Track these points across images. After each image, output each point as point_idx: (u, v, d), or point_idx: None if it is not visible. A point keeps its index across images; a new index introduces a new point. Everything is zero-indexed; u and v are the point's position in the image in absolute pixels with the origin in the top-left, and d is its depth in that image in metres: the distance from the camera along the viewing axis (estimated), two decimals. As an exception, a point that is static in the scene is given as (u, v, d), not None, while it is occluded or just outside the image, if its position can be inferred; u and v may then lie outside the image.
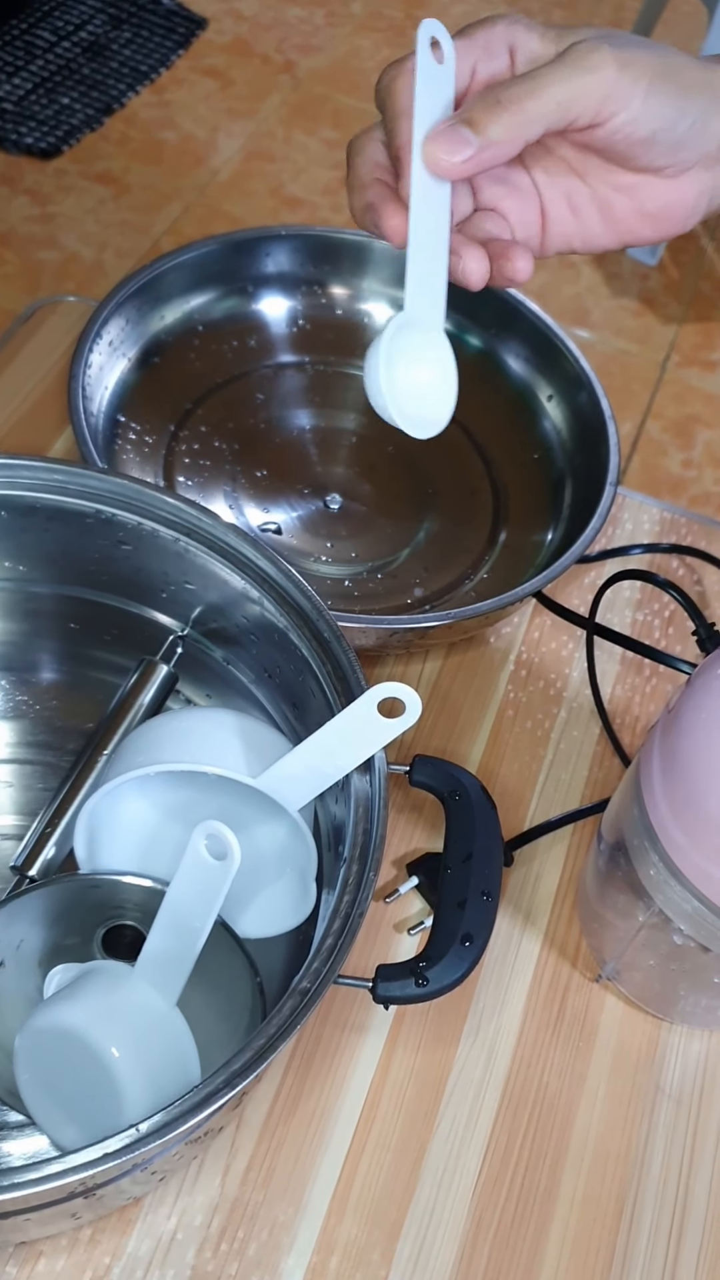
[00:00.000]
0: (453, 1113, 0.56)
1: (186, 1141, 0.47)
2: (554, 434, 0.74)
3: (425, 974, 0.45)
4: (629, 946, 0.56)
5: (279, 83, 2.29)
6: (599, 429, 0.69)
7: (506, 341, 0.76)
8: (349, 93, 2.31)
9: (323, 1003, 0.57)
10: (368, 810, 0.48)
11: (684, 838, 0.48)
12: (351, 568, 0.69)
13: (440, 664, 0.70)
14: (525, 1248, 0.53)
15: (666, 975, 0.56)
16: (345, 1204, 0.53)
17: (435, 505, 0.72)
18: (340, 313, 0.78)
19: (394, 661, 0.70)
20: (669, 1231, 0.54)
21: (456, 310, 0.76)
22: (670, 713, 0.49)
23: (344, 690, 0.51)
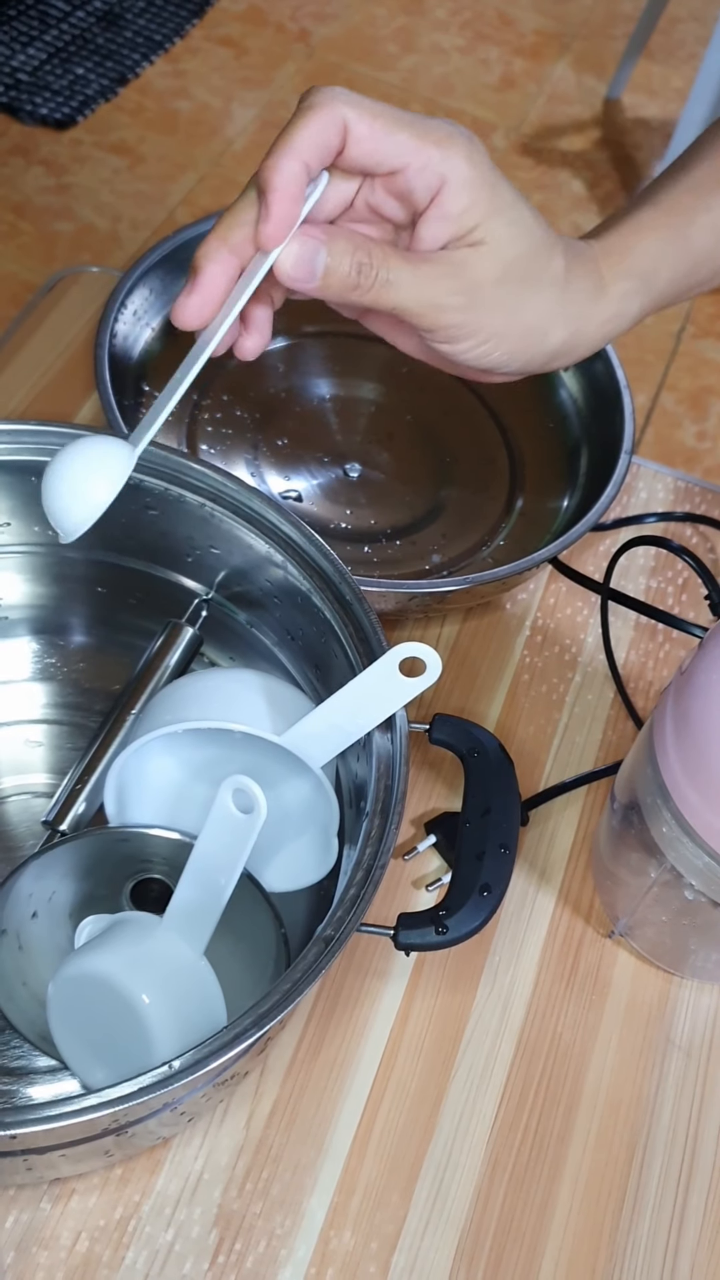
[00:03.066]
0: (469, 1060, 0.58)
1: (214, 1084, 0.49)
2: (570, 403, 0.75)
3: (445, 922, 0.46)
4: (641, 903, 0.58)
5: (293, 51, 2.28)
6: (614, 398, 0.70)
7: None
8: (363, 60, 2.30)
9: (345, 953, 0.59)
10: (389, 767, 0.50)
11: (696, 796, 0.50)
12: (371, 534, 0.70)
13: (458, 628, 0.72)
14: (539, 1189, 0.55)
15: (678, 930, 0.58)
16: (366, 1147, 0.55)
17: (453, 473, 0.74)
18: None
19: (413, 625, 0.71)
20: (678, 1176, 0.56)
21: None
22: (683, 675, 0.51)
23: (366, 651, 0.53)
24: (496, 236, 0.45)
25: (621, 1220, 0.55)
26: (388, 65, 2.31)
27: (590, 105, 2.35)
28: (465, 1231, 0.54)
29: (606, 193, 2.19)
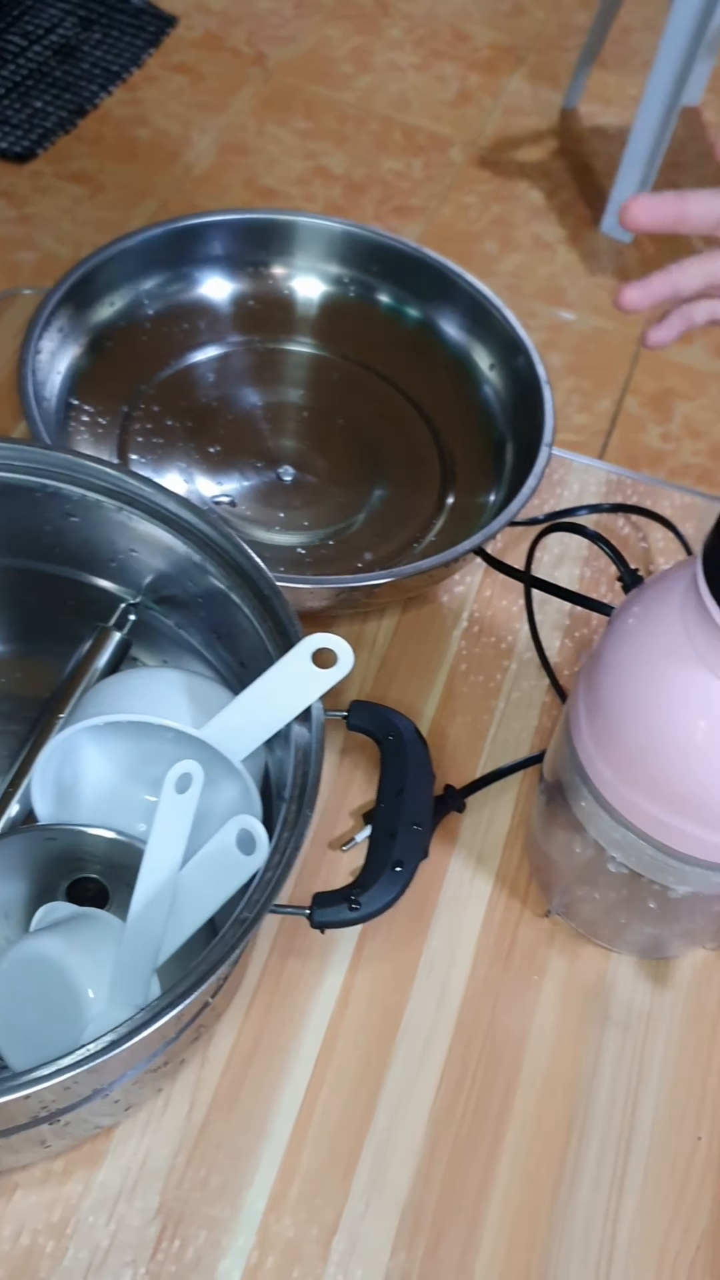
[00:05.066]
0: (408, 1043, 0.59)
1: (147, 1071, 0.50)
2: (494, 398, 0.77)
3: (358, 899, 0.47)
4: (572, 880, 0.59)
5: (250, 75, 2.31)
6: (535, 392, 0.72)
7: (444, 311, 0.79)
8: (319, 81, 2.33)
9: (284, 940, 0.60)
10: (306, 755, 0.51)
11: (608, 769, 0.51)
12: (304, 535, 0.72)
13: (396, 621, 0.73)
14: (478, 1167, 0.56)
15: (608, 905, 0.59)
16: (306, 1133, 0.56)
17: (385, 473, 0.75)
18: (285, 291, 0.81)
19: (349, 622, 0.72)
20: (616, 1149, 0.57)
21: (394, 283, 0.79)
22: (592, 654, 0.52)
23: (284, 645, 0.54)
24: None
25: (560, 1194, 0.56)
26: (344, 85, 2.34)
27: (546, 116, 2.38)
28: (405, 1211, 0.54)
29: (565, 202, 2.22)
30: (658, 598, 0.48)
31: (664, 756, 0.47)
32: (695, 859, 0.50)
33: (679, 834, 0.49)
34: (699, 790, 0.47)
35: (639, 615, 0.48)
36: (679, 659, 0.45)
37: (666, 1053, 0.60)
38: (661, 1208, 0.56)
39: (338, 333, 0.80)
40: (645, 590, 0.49)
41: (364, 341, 0.80)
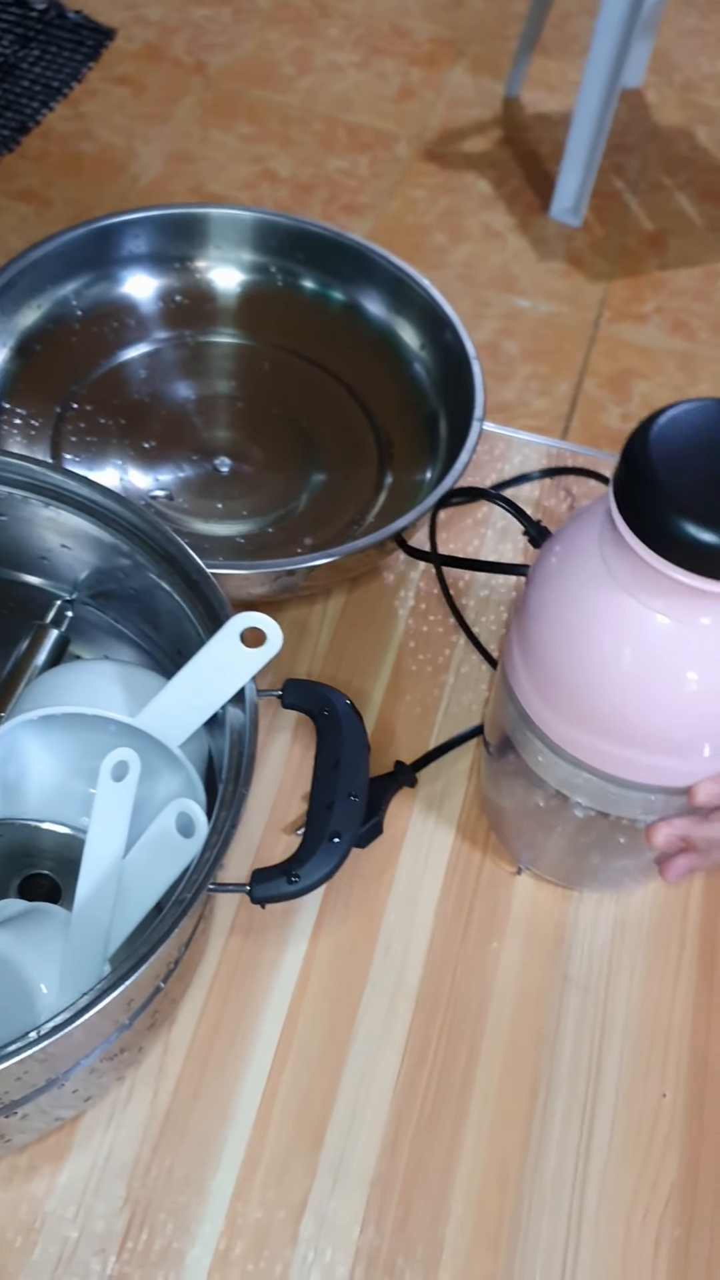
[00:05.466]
0: (369, 1020, 0.59)
1: (102, 1058, 0.50)
2: (425, 376, 0.77)
3: (296, 872, 0.47)
4: (538, 833, 0.59)
5: (192, 84, 2.31)
6: (465, 367, 0.72)
7: (368, 291, 0.79)
8: (261, 85, 2.33)
9: (240, 924, 0.60)
10: (240, 735, 0.51)
11: (550, 713, 0.51)
12: (244, 525, 0.72)
13: (342, 604, 0.73)
14: (444, 1139, 0.56)
15: (577, 849, 0.59)
16: (270, 1115, 0.56)
17: (322, 458, 0.75)
18: (210, 284, 0.81)
19: (295, 607, 0.73)
20: (581, 1113, 0.57)
21: (317, 267, 0.80)
22: (519, 606, 0.52)
23: (215, 629, 0.54)
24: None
25: (528, 1158, 0.56)
26: (286, 88, 2.34)
27: (490, 106, 2.39)
28: (373, 1187, 0.55)
29: (513, 190, 2.22)
30: (576, 534, 0.48)
31: (599, 689, 0.47)
32: (656, 786, 0.51)
33: (634, 765, 0.50)
34: (639, 716, 0.47)
35: (560, 554, 0.49)
36: (600, 587, 0.46)
37: (628, 1012, 0.60)
38: (629, 1166, 0.56)
39: (265, 321, 0.80)
40: (564, 530, 0.50)
41: (292, 328, 0.80)
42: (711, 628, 0.45)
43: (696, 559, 0.41)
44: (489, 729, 0.60)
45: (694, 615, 0.45)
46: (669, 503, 0.41)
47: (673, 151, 2.32)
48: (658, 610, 0.45)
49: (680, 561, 0.42)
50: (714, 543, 0.41)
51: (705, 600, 0.44)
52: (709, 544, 0.41)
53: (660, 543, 0.42)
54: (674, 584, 0.43)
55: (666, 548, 0.42)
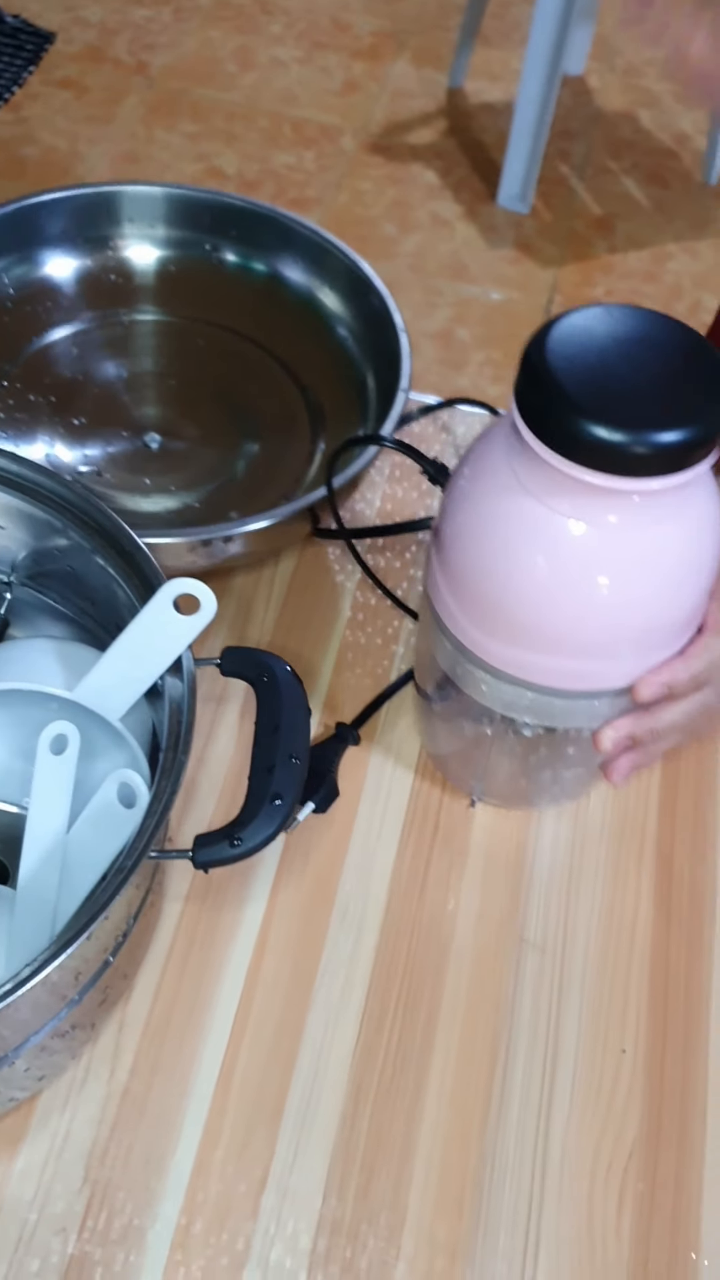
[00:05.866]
0: (327, 986, 0.58)
1: (53, 1035, 0.49)
2: (352, 340, 0.77)
3: (238, 835, 0.47)
4: (490, 763, 0.59)
5: (134, 84, 2.30)
6: (390, 328, 0.72)
7: (287, 260, 0.80)
8: (204, 84, 2.33)
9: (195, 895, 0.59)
10: (179, 704, 0.51)
11: (486, 637, 0.51)
12: (173, 500, 0.72)
13: (290, 574, 0.73)
14: (405, 1103, 0.55)
15: (528, 769, 0.59)
16: (229, 1089, 0.55)
17: (255, 429, 0.75)
18: (133, 262, 0.81)
19: (244, 579, 0.72)
20: (542, 1071, 0.57)
21: (237, 240, 0.80)
22: (436, 536, 0.53)
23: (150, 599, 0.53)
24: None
25: (489, 1118, 0.55)
26: (230, 85, 2.34)
27: (434, 97, 2.39)
28: (335, 1156, 0.54)
29: (460, 179, 2.23)
30: (484, 451, 0.49)
31: (523, 600, 0.48)
32: (598, 691, 0.51)
33: (571, 673, 0.50)
34: (563, 623, 0.48)
35: (469, 474, 0.50)
36: (511, 497, 0.46)
37: (586, 970, 0.60)
38: (591, 1121, 0.55)
39: (191, 297, 0.80)
40: (471, 450, 0.51)
41: (218, 302, 0.80)
42: (619, 526, 0.46)
43: (597, 456, 0.43)
44: (421, 675, 0.60)
45: (602, 515, 0.45)
46: (567, 403, 0.42)
47: (617, 136, 2.33)
48: (567, 514, 0.46)
49: (582, 460, 0.43)
50: (611, 438, 0.42)
51: (610, 499, 0.45)
52: (606, 440, 0.42)
53: (561, 443, 0.43)
54: (579, 485, 0.44)
55: (568, 447, 0.43)
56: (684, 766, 0.67)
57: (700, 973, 0.60)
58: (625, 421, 0.42)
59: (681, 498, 0.46)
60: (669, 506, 0.46)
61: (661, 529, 0.46)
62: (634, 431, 0.42)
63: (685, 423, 0.42)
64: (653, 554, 0.47)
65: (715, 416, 0.43)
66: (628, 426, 0.42)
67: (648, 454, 0.42)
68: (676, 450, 0.42)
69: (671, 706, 0.53)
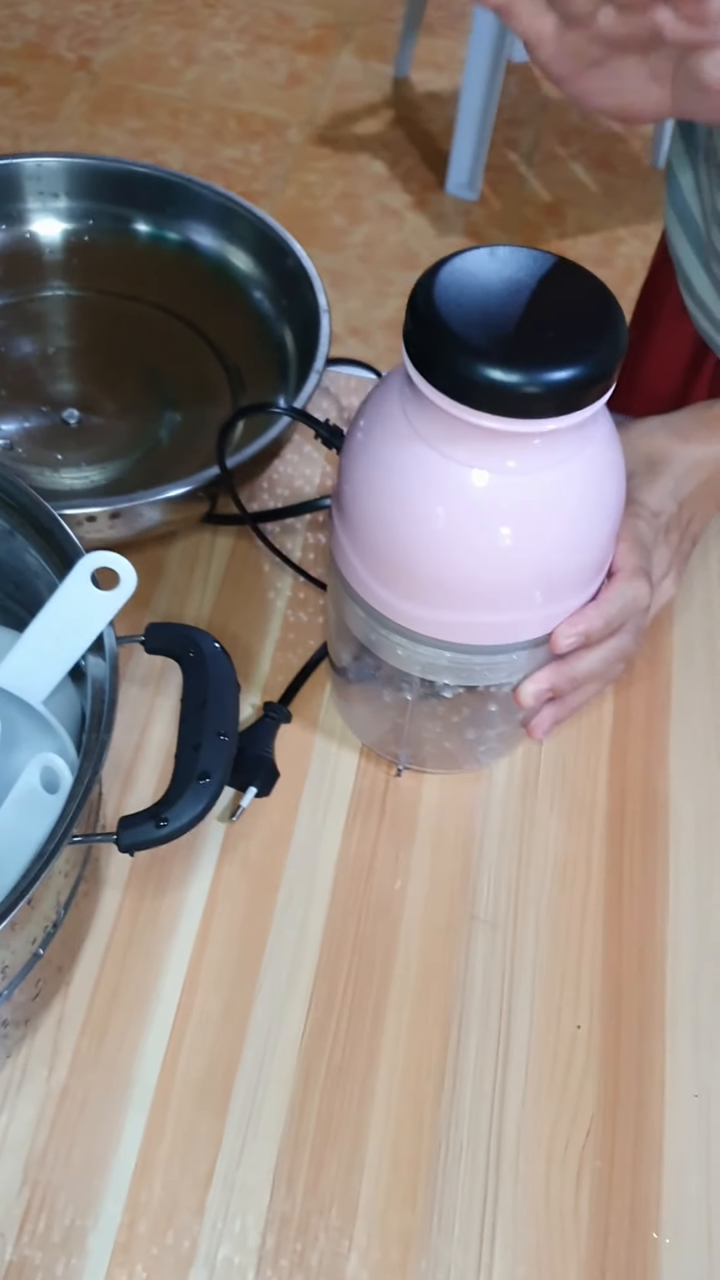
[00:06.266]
0: (273, 972, 0.56)
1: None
2: (269, 303, 0.76)
3: (164, 815, 0.45)
4: (414, 728, 0.58)
5: (76, 80, 2.28)
6: (309, 289, 0.71)
7: (198, 226, 0.78)
8: (147, 79, 2.31)
9: (134, 884, 0.57)
10: (101, 684, 0.49)
11: (396, 597, 0.50)
12: (89, 474, 0.70)
13: (230, 547, 0.71)
14: (354, 1089, 0.54)
15: (452, 730, 0.58)
16: (172, 1083, 0.53)
17: (173, 399, 0.74)
18: (41, 238, 0.79)
19: (180, 553, 0.70)
20: (495, 1051, 0.55)
21: (146, 209, 0.79)
22: (337, 498, 0.52)
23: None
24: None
25: (442, 1101, 0.54)
26: (173, 80, 2.32)
27: (379, 88, 2.38)
28: (283, 1148, 0.52)
29: (408, 169, 2.22)
30: (378, 404, 0.48)
31: (428, 555, 0.47)
32: (514, 644, 0.50)
33: (485, 628, 0.49)
34: (470, 574, 0.47)
35: (365, 427, 0.48)
36: (407, 448, 0.45)
37: (538, 946, 0.58)
38: (547, 1101, 0.54)
39: (103, 270, 0.79)
40: (365, 404, 0.49)
41: (130, 274, 0.78)
42: (519, 471, 0.44)
43: (491, 399, 0.41)
44: (335, 649, 0.59)
45: (500, 460, 0.44)
46: (457, 345, 0.41)
47: (565, 122, 2.33)
48: (465, 462, 0.44)
49: (476, 404, 0.42)
50: (504, 380, 0.41)
51: (508, 443, 0.43)
52: (500, 381, 0.41)
53: (454, 387, 0.42)
54: (475, 430, 0.43)
55: (461, 392, 0.42)
56: (632, 737, 0.65)
57: (653, 944, 0.58)
58: (518, 362, 0.41)
59: (581, 438, 0.45)
60: (569, 447, 0.45)
61: (563, 471, 0.45)
62: (528, 371, 0.41)
63: (580, 360, 0.41)
64: (556, 497, 0.45)
65: (610, 352, 0.42)
66: (521, 367, 0.41)
67: (543, 394, 0.41)
68: (572, 388, 0.41)
69: (588, 654, 0.53)
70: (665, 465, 0.61)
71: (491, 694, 0.54)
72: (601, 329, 0.43)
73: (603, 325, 0.43)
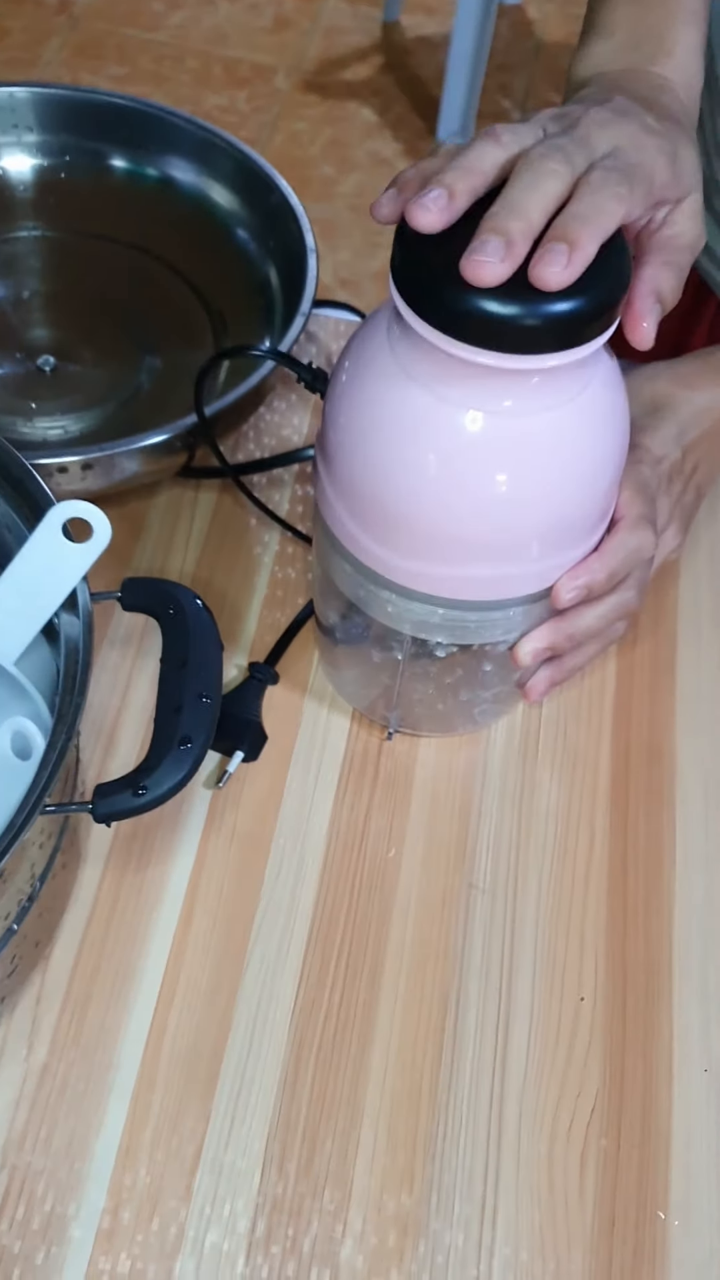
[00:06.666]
0: (262, 946, 0.54)
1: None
2: (251, 242, 0.73)
3: (143, 784, 0.42)
4: (405, 689, 0.55)
5: (57, 25, 2.21)
6: (296, 235, 0.67)
7: (176, 161, 0.75)
8: (130, 24, 2.24)
9: (117, 857, 0.55)
10: (75, 644, 0.46)
11: (387, 550, 0.47)
12: (65, 423, 0.67)
13: (214, 499, 0.67)
14: (349, 1065, 0.51)
15: (446, 692, 0.55)
16: (157, 1061, 0.51)
17: (154, 344, 0.71)
18: (15, 175, 0.75)
19: (163, 505, 0.67)
20: (495, 1026, 0.53)
21: (122, 144, 0.75)
22: (320, 445, 0.49)
23: (43, 528, 0.48)
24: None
25: (441, 1077, 0.51)
26: (156, 25, 2.25)
27: (368, 32, 2.31)
28: (274, 1129, 0.50)
29: (398, 116, 2.16)
30: (365, 341, 0.45)
31: (419, 503, 0.44)
32: (509, 600, 0.47)
33: (480, 582, 0.46)
34: (469, 524, 0.44)
35: (349, 369, 0.45)
36: (397, 388, 0.42)
37: (539, 915, 0.55)
38: (550, 1077, 0.51)
39: (79, 210, 0.75)
40: (350, 344, 0.46)
41: (108, 214, 0.75)
42: (516, 412, 0.41)
43: (486, 333, 0.38)
44: (321, 608, 0.56)
45: (497, 400, 0.41)
46: (450, 275, 0.37)
47: (557, 67, 2.27)
48: (459, 403, 0.41)
49: (470, 338, 0.38)
50: (501, 312, 0.37)
51: (505, 381, 0.40)
52: (496, 314, 0.37)
53: (446, 321, 0.39)
54: (469, 367, 0.39)
55: (454, 325, 0.39)
56: (636, 696, 0.62)
57: (659, 913, 0.56)
58: (516, 293, 0.37)
59: (583, 376, 0.42)
60: (570, 387, 0.42)
61: (563, 413, 0.42)
62: (526, 303, 0.37)
63: (582, 291, 0.38)
64: (556, 440, 0.42)
65: (614, 283, 0.39)
66: (519, 298, 0.37)
67: (543, 327, 0.38)
68: (574, 321, 0.38)
69: (590, 610, 0.50)
70: (670, 411, 0.57)
71: (486, 653, 0.51)
72: (605, 258, 0.39)
73: (606, 254, 0.39)
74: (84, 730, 0.58)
